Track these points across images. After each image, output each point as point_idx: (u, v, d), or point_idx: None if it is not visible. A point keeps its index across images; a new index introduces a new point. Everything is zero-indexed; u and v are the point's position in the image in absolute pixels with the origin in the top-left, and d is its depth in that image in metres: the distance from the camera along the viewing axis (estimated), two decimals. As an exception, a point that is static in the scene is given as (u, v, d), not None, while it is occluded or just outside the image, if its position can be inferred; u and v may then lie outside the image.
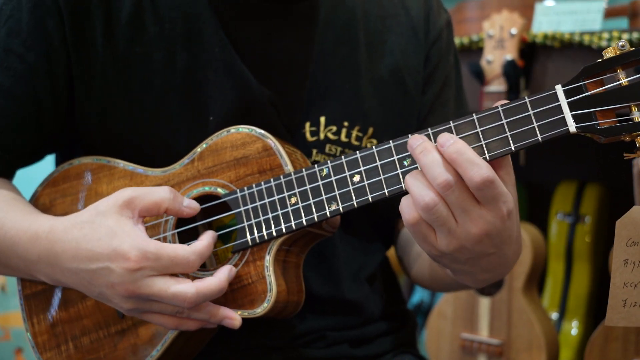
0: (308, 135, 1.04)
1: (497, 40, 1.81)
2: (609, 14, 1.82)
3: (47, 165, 1.13)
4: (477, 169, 0.75)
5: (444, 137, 0.78)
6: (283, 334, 1.03)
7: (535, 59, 1.82)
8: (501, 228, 0.79)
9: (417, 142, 0.79)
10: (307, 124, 1.04)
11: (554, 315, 2.09)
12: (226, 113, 0.99)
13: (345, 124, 1.05)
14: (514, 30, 1.78)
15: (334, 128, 1.04)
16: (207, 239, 0.90)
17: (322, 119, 1.04)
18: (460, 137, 0.80)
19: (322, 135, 1.04)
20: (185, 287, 0.85)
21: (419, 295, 2.46)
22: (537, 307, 1.88)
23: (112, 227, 0.86)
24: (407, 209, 0.79)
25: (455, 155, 0.76)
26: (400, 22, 1.10)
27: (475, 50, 1.90)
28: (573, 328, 2.05)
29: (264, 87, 1.00)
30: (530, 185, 2.33)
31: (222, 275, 0.88)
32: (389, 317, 1.15)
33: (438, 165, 0.77)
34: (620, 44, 0.77)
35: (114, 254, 0.84)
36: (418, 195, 0.77)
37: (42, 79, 0.98)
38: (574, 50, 1.70)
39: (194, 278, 0.89)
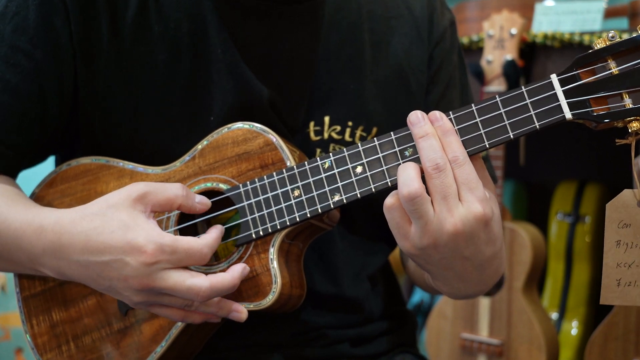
0: (312, 134, 1.04)
1: (497, 40, 1.81)
2: (609, 14, 1.83)
3: (47, 166, 1.12)
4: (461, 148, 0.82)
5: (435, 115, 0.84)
6: (285, 330, 1.04)
7: (535, 59, 1.83)
8: (475, 227, 0.81)
9: (419, 122, 0.84)
10: (312, 124, 1.04)
11: (554, 315, 2.09)
12: (226, 114, 0.99)
13: (350, 124, 1.05)
14: (514, 30, 1.79)
15: (338, 128, 1.05)
16: (215, 232, 0.91)
17: (327, 119, 1.04)
18: (459, 127, 0.84)
19: (326, 135, 1.04)
20: (200, 281, 0.85)
21: (419, 295, 2.46)
22: (537, 307, 1.88)
23: (125, 220, 0.85)
24: (389, 195, 0.83)
25: (443, 131, 0.83)
26: (404, 23, 1.10)
27: (475, 50, 1.90)
28: (573, 328, 2.06)
29: (266, 87, 1.00)
30: (530, 185, 2.34)
31: (235, 273, 0.88)
32: (388, 317, 1.15)
33: (435, 150, 0.81)
34: (610, 34, 0.80)
35: (128, 247, 0.84)
36: (403, 184, 0.80)
37: (48, 77, 0.97)
38: (574, 50, 1.71)
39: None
